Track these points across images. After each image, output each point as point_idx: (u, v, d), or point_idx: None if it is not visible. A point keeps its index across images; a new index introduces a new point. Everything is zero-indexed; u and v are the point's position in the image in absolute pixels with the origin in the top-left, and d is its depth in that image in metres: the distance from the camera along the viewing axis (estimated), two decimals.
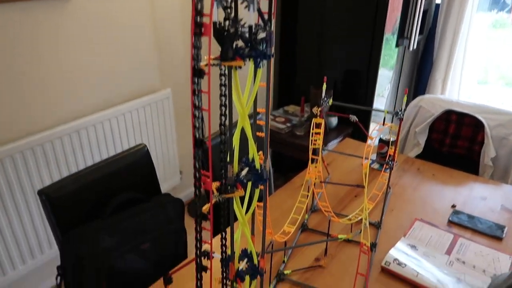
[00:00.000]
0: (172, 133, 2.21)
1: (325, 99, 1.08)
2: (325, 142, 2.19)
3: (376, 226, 1.18)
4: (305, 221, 1.19)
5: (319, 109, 0.99)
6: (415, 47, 2.44)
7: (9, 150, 1.50)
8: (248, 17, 0.50)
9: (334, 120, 2.38)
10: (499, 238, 1.14)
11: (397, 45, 2.37)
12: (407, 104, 1.52)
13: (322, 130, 1.00)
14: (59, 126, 1.66)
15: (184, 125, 2.37)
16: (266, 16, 0.55)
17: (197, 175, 0.52)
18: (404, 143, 1.85)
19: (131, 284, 1.17)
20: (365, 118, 2.44)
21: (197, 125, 0.51)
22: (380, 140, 1.49)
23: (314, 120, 1.01)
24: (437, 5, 2.69)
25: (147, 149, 1.32)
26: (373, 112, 2.46)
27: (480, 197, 1.33)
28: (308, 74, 2.54)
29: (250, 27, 0.51)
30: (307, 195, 1.13)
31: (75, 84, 1.71)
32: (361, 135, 2.40)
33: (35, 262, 1.71)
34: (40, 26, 1.52)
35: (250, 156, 0.65)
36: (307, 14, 2.40)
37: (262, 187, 0.65)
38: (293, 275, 1.01)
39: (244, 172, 0.63)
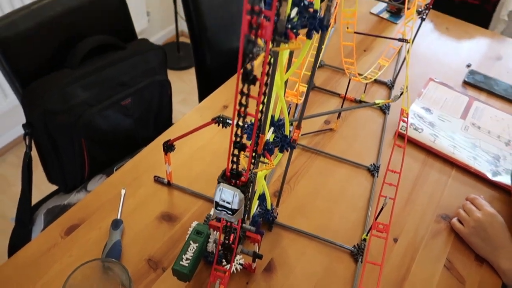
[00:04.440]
0: None
1: None
2: None
3: (389, 85, 1.07)
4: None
5: None
6: None
7: None
8: None
9: None
10: None
11: None
12: None
13: None
14: None
15: None
16: None
17: (253, 11, 0.31)
18: None
19: (112, 142, 1.03)
20: None
21: None
22: None
23: None
24: None
25: None
26: None
27: (495, 57, 1.22)
28: None
29: None
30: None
31: None
32: None
33: None
34: None
35: None
36: None
37: (317, 35, 0.47)
38: (302, 139, 0.91)
39: (294, 13, 0.44)
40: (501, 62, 1.20)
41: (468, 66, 1.17)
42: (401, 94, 0.69)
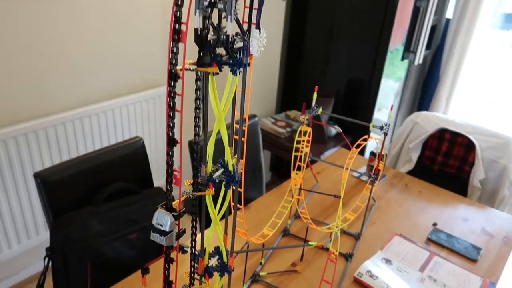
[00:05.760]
0: None
1: (315, 108, 1.12)
2: (322, 151, 2.23)
3: (356, 237, 1.22)
4: (288, 226, 1.22)
5: (306, 117, 1.03)
6: (420, 61, 2.46)
7: (13, 131, 1.55)
8: (229, 26, 0.54)
9: (333, 129, 2.41)
10: (474, 260, 1.16)
11: (402, 58, 2.40)
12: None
13: (310, 138, 1.04)
14: (63, 112, 1.72)
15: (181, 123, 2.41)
16: (246, 26, 0.59)
17: (169, 171, 0.56)
18: (397, 158, 1.88)
19: (115, 269, 1.21)
20: (365, 129, 2.47)
21: (171, 124, 0.55)
22: (371, 153, 1.52)
23: (300, 128, 1.04)
24: (448, 20, 2.69)
25: (143, 142, 1.36)
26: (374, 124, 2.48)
27: (462, 218, 1.35)
28: (313, 80, 2.57)
29: (227, 36, 0.55)
30: (291, 201, 1.17)
31: (82, 72, 1.77)
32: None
33: (29, 243, 1.77)
34: (46, 11, 1.58)
35: (226, 158, 0.70)
36: (315, 20, 2.43)
37: (234, 188, 0.69)
38: (268, 277, 1.05)
39: (218, 173, 0.67)
40: (467, 223, 1.33)
41: (434, 224, 1.30)
42: (331, 241, 0.85)
